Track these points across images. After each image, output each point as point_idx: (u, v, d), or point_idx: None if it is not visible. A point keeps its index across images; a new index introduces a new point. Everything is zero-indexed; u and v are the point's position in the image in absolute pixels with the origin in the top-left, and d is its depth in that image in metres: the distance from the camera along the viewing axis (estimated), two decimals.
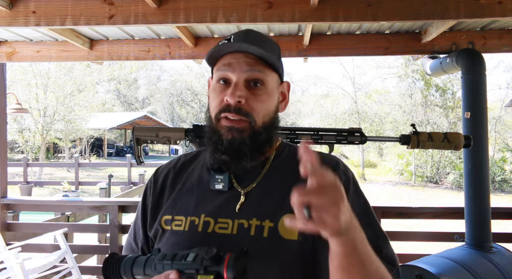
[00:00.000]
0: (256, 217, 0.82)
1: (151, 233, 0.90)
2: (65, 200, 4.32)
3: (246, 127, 0.81)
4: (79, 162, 11.73)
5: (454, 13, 2.15)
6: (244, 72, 0.81)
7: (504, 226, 7.24)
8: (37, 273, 3.15)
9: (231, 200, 0.85)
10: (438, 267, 2.12)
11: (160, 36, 3.11)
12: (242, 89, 0.80)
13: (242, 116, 0.80)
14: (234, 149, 0.81)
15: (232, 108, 0.80)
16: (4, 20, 2.32)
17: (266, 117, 0.84)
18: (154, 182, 0.95)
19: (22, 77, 16.73)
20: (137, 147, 2.04)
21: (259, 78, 0.82)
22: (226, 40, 0.85)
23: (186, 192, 0.90)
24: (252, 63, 0.81)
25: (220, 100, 0.82)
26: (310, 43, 2.98)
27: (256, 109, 0.82)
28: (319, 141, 1.84)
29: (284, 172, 0.88)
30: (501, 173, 15.31)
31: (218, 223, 0.82)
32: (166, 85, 31.90)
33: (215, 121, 0.83)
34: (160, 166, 0.99)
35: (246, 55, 0.82)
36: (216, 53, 0.84)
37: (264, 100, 0.83)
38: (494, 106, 19.63)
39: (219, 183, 0.86)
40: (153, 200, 0.92)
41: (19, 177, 12.62)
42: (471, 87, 2.55)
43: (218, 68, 0.84)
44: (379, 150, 23.62)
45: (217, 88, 0.84)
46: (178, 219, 0.86)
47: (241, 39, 0.83)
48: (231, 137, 0.81)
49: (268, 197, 0.85)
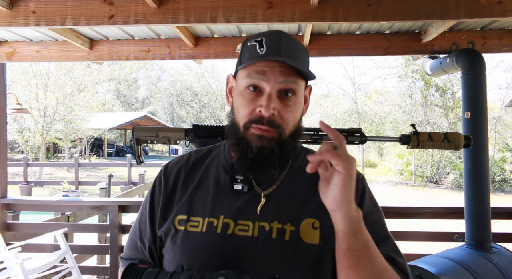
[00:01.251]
0: (278, 220, 0.82)
1: (160, 232, 0.88)
2: (65, 200, 4.32)
3: (276, 136, 0.81)
4: (79, 162, 11.73)
5: (454, 13, 2.15)
6: (279, 83, 0.80)
7: (504, 226, 7.24)
8: (37, 273, 3.15)
9: (251, 202, 0.84)
10: (438, 267, 2.12)
11: (160, 36, 3.11)
12: (276, 101, 0.79)
13: (274, 128, 0.80)
14: (263, 157, 0.81)
15: (265, 120, 0.79)
16: (4, 20, 2.32)
17: (293, 126, 0.84)
18: (165, 179, 0.92)
19: (22, 77, 16.73)
20: (137, 147, 2.04)
21: (292, 88, 0.81)
22: (257, 42, 0.82)
23: (202, 191, 0.88)
24: (287, 73, 0.80)
25: (252, 109, 0.81)
26: (310, 43, 2.98)
27: (287, 120, 0.82)
28: (319, 141, 1.84)
29: (302, 176, 0.86)
30: (501, 173, 15.31)
31: (238, 225, 0.82)
32: (166, 85, 31.92)
33: (243, 129, 0.82)
34: (169, 162, 0.96)
35: (281, 64, 0.80)
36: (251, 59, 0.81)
37: (295, 110, 0.84)
38: (494, 106, 19.63)
39: (238, 184, 0.85)
40: (164, 198, 0.90)
41: (19, 177, 12.62)
42: (471, 87, 2.54)
43: (249, 73, 0.81)
44: (379, 150, 23.62)
45: (247, 95, 0.82)
46: (194, 220, 0.84)
47: (276, 45, 0.80)
48: (260, 145, 0.80)
49: (289, 200, 0.85)
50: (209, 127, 1.95)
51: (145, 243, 0.91)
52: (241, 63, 0.83)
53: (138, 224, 0.94)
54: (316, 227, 0.82)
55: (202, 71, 29.21)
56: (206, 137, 1.92)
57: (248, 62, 0.80)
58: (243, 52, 0.85)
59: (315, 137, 1.82)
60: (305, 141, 1.81)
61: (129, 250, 0.95)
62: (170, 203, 0.89)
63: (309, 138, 1.81)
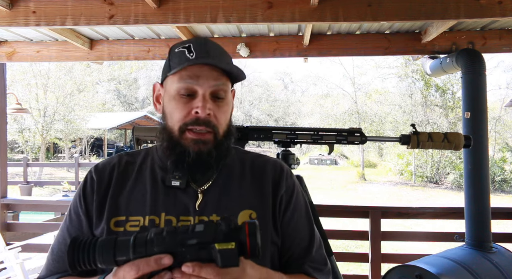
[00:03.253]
0: (216, 213, 0.85)
1: (97, 233, 0.86)
2: (65, 200, 4.31)
3: (211, 138, 0.84)
4: (79, 162, 11.71)
5: (454, 13, 2.15)
6: (212, 86, 0.83)
7: (504, 226, 7.25)
8: (37, 273, 3.15)
9: (190, 198, 0.87)
10: (438, 267, 2.12)
11: (160, 36, 3.11)
12: (210, 102, 0.83)
13: (209, 128, 0.83)
14: (201, 161, 0.84)
15: (201, 120, 0.82)
16: (4, 20, 2.32)
17: (226, 126, 0.88)
18: (97, 178, 0.90)
19: (22, 77, 16.72)
20: (137, 147, 2.04)
21: (222, 90, 0.85)
22: (185, 48, 0.84)
23: (139, 190, 0.88)
24: (218, 76, 0.84)
25: (187, 112, 0.83)
26: (310, 43, 2.98)
27: (220, 121, 0.86)
28: (319, 141, 1.83)
29: (236, 171, 0.93)
30: (501, 173, 15.29)
31: (180, 221, 0.84)
32: None
33: (179, 133, 0.84)
34: (98, 163, 0.95)
35: (210, 67, 0.83)
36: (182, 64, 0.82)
37: (226, 110, 0.88)
38: (494, 106, 19.62)
39: (176, 180, 0.87)
40: (98, 198, 0.87)
41: (19, 177, 12.62)
42: (471, 87, 2.54)
43: (181, 78, 0.83)
44: (379, 150, 23.60)
45: (180, 99, 0.84)
46: (134, 219, 0.84)
47: (204, 49, 0.84)
48: (197, 150, 0.83)
49: (225, 194, 0.89)
50: None
51: None
52: (170, 69, 0.85)
53: (66, 231, 0.89)
54: (253, 218, 0.86)
55: None
56: None
57: (180, 67, 0.82)
58: (171, 58, 0.86)
59: (315, 137, 1.82)
60: (305, 141, 1.81)
61: (54, 264, 0.87)
62: (104, 204, 0.87)
63: (309, 138, 1.81)
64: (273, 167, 0.96)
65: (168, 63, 0.87)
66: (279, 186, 0.92)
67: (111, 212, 0.85)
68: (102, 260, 0.63)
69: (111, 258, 0.63)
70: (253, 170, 0.95)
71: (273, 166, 0.96)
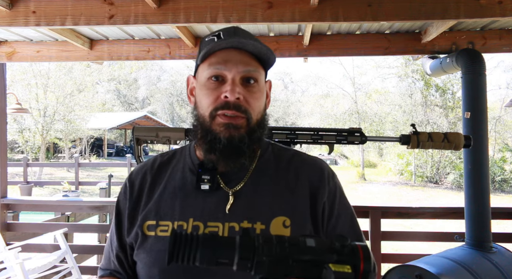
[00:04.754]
0: (247, 220, 0.81)
1: (129, 239, 0.86)
2: (65, 200, 4.31)
3: (243, 123, 0.80)
4: (79, 162, 11.71)
5: (454, 13, 2.15)
6: (241, 71, 0.80)
7: (504, 226, 7.25)
8: (37, 273, 3.15)
9: (220, 202, 0.83)
10: (438, 267, 2.12)
11: (160, 36, 3.11)
12: (240, 86, 0.80)
13: (241, 113, 0.79)
14: (233, 147, 0.79)
15: (231, 104, 0.79)
16: (4, 20, 2.32)
17: (259, 114, 0.84)
18: (130, 185, 0.91)
19: (22, 77, 16.72)
20: (137, 147, 2.04)
21: (253, 76, 0.82)
22: (215, 36, 0.83)
23: (169, 195, 0.86)
24: (248, 61, 0.81)
25: (215, 97, 0.80)
26: (310, 43, 2.98)
27: (252, 106, 0.81)
28: (319, 141, 1.83)
29: (270, 172, 0.88)
30: (501, 173, 15.29)
31: (208, 227, 0.81)
32: (166, 85, 31.92)
33: (209, 119, 0.81)
34: (134, 169, 0.95)
35: (240, 52, 0.81)
36: (212, 49, 0.81)
37: (259, 97, 0.83)
38: (494, 106, 19.62)
39: (205, 184, 0.84)
40: (130, 205, 0.88)
41: (19, 177, 12.62)
42: (471, 87, 2.54)
43: (210, 64, 0.81)
44: (379, 150, 23.61)
45: (210, 85, 0.82)
46: (163, 224, 0.83)
47: (233, 35, 0.82)
48: (229, 135, 0.79)
49: (258, 197, 0.84)
50: None
51: (113, 251, 0.90)
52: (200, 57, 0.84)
53: (110, 233, 0.93)
54: (287, 225, 0.81)
55: None
56: None
57: (208, 53, 0.81)
58: (202, 47, 0.85)
59: (315, 137, 1.82)
60: (305, 141, 1.81)
61: (103, 260, 0.94)
62: (137, 209, 0.87)
63: (309, 138, 1.81)
64: (312, 168, 0.89)
65: (198, 53, 0.86)
66: (320, 192, 0.86)
67: (144, 217, 0.85)
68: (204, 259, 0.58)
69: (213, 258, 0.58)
70: (289, 171, 0.88)
71: (311, 168, 0.90)
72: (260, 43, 0.81)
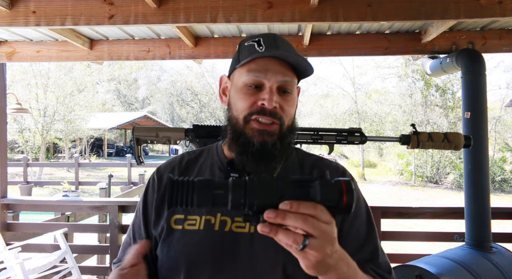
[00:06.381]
0: None
1: (155, 232, 0.89)
2: (65, 200, 4.31)
3: (277, 129, 0.83)
4: (79, 162, 11.73)
5: (454, 13, 2.15)
6: (279, 81, 0.83)
7: (504, 226, 7.26)
8: (37, 273, 3.15)
9: None
10: (438, 267, 2.12)
11: (160, 36, 3.11)
12: (276, 96, 0.82)
13: (276, 120, 0.82)
14: (266, 152, 0.82)
15: (268, 112, 0.81)
16: (4, 20, 2.32)
17: (290, 121, 0.87)
18: (158, 178, 0.94)
19: (22, 77, 16.73)
20: (137, 147, 2.04)
21: (289, 87, 0.85)
22: (255, 42, 0.85)
23: None
24: (286, 71, 0.83)
25: (252, 102, 0.83)
26: (310, 43, 2.98)
27: (286, 112, 0.84)
28: (319, 141, 1.83)
29: (295, 173, 0.90)
30: (501, 173, 15.30)
31: (235, 222, 0.84)
32: (166, 85, 31.89)
33: (243, 122, 0.84)
34: (162, 164, 0.98)
35: (279, 61, 0.83)
36: (254, 57, 0.83)
37: (292, 105, 0.87)
38: (494, 106, 19.63)
39: None
40: (158, 198, 0.91)
41: (19, 177, 12.62)
42: (471, 87, 2.54)
43: (249, 71, 0.83)
44: (379, 150, 23.61)
45: (247, 90, 0.84)
46: (191, 218, 0.86)
47: (273, 43, 0.84)
48: (262, 140, 0.82)
49: None
50: (209, 127, 1.95)
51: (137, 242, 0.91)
52: (239, 61, 0.85)
53: (132, 226, 0.95)
54: None
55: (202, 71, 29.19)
56: (206, 137, 1.93)
57: (249, 59, 0.83)
58: (241, 51, 0.87)
59: (315, 137, 1.82)
60: (305, 141, 1.81)
61: (122, 252, 0.95)
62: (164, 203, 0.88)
63: (309, 138, 1.81)
64: (334, 172, 0.92)
65: (237, 55, 0.88)
66: None
67: (172, 210, 0.86)
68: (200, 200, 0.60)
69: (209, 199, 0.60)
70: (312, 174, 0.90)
71: (333, 171, 0.92)
72: (299, 56, 0.84)
